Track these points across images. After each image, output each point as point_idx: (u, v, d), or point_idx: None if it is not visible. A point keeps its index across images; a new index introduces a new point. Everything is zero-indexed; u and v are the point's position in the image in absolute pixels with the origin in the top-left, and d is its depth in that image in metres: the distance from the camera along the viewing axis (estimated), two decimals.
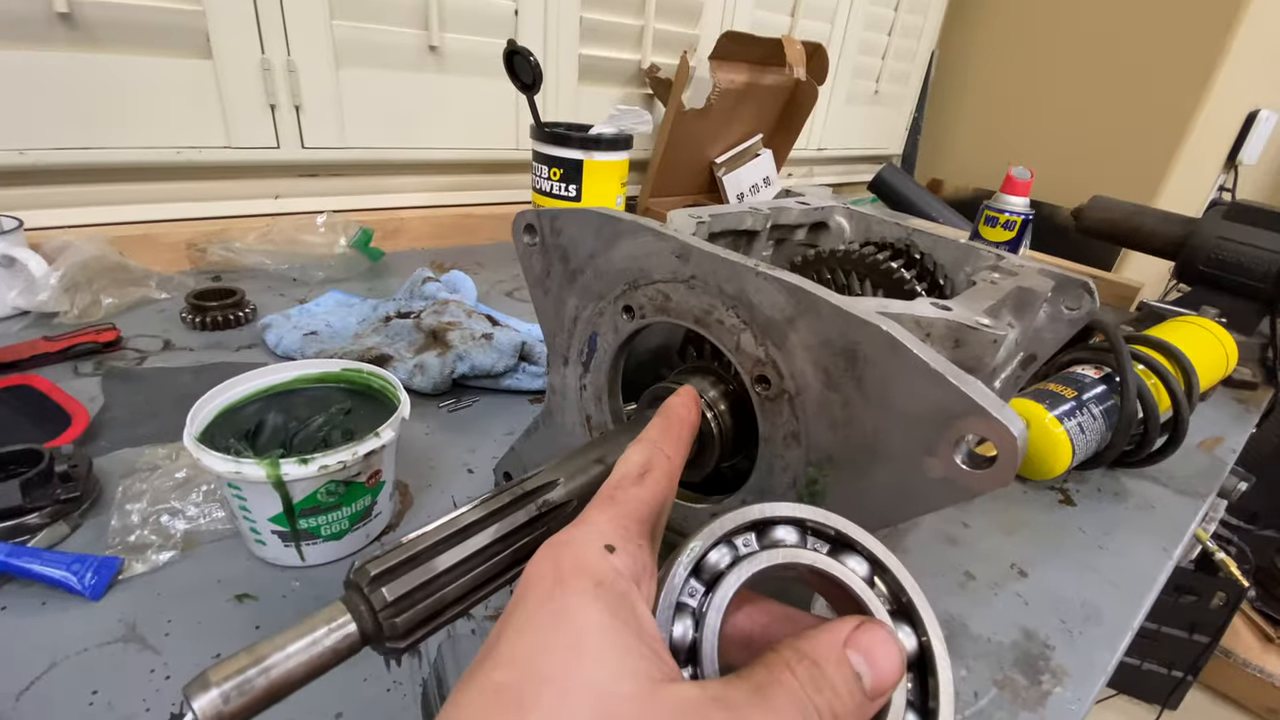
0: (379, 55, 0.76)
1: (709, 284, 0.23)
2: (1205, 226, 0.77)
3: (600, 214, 0.26)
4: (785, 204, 0.39)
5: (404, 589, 0.15)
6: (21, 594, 0.32)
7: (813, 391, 0.21)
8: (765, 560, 0.17)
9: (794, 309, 0.21)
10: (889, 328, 0.19)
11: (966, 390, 0.17)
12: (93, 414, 0.44)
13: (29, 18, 0.57)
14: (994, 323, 0.24)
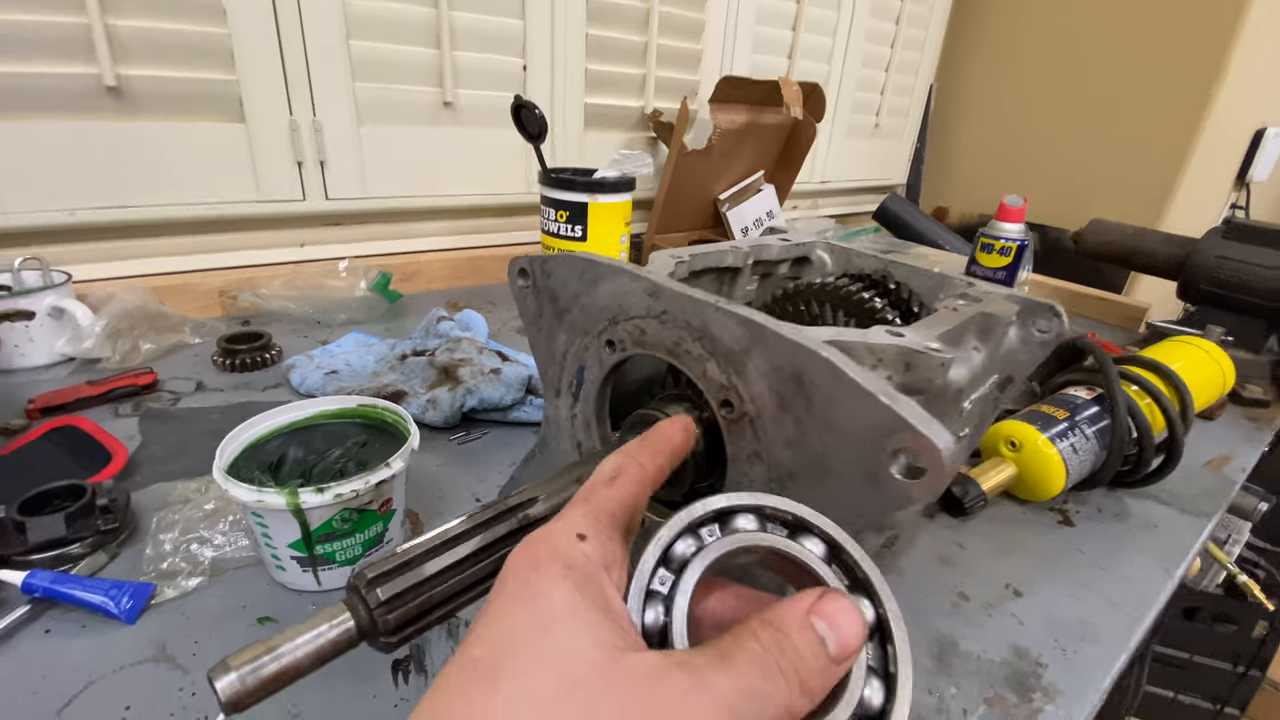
0: (397, 112, 0.82)
1: (677, 319, 0.25)
2: (1204, 246, 0.78)
3: (583, 258, 0.28)
4: (767, 241, 0.42)
5: (395, 590, 0.17)
6: (64, 618, 0.34)
7: (769, 413, 0.23)
8: (727, 544, 0.18)
9: (749, 339, 0.23)
10: (827, 354, 0.21)
11: (897, 408, 0.19)
12: (131, 451, 0.47)
13: (81, 91, 0.63)
14: (944, 346, 0.25)
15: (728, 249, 0.38)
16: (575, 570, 0.16)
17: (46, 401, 0.52)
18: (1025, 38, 1.42)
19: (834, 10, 1.21)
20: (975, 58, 1.50)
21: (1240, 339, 0.78)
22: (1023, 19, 1.42)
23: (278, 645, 0.16)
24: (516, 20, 0.86)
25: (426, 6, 0.79)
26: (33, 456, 0.45)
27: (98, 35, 0.61)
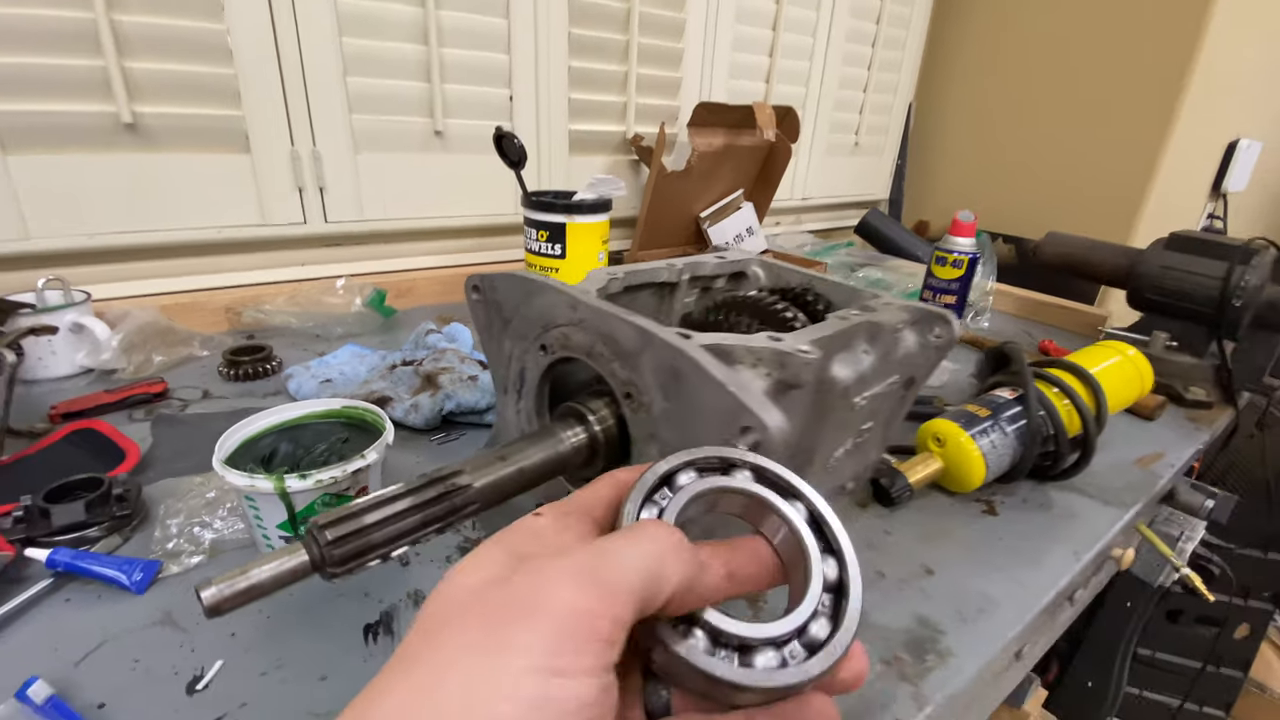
0: (392, 141, 0.88)
1: (591, 326, 0.31)
2: (1149, 257, 0.83)
3: (520, 276, 0.34)
4: (702, 259, 0.47)
5: (340, 533, 0.22)
6: (83, 589, 0.40)
7: (658, 401, 0.28)
8: (727, 481, 0.21)
9: (641, 342, 0.28)
10: (694, 354, 0.26)
11: (741, 395, 0.25)
12: (143, 451, 0.53)
13: (101, 128, 0.70)
14: (813, 348, 0.31)
15: (662, 266, 0.43)
16: (503, 546, 0.18)
17: (67, 408, 0.58)
18: (1001, 56, 1.48)
19: (809, 36, 1.27)
20: (953, 76, 1.56)
21: (1184, 344, 0.83)
22: (999, 37, 1.48)
23: (249, 570, 0.21)
24: (502, 55, 0.92)
25: (417, 44, 0.85)
26: (55, 455, 0.51)
27: (115, 77, 0.68)
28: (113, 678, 0.34)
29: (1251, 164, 1.67)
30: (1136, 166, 1.33)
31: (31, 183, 0.68)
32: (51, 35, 0.65)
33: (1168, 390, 0.79)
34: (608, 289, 0.39)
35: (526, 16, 0.92)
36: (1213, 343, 0.80)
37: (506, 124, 0.96)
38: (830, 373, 0.34)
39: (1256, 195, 1.87)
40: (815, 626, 0.19)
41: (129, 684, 0.34)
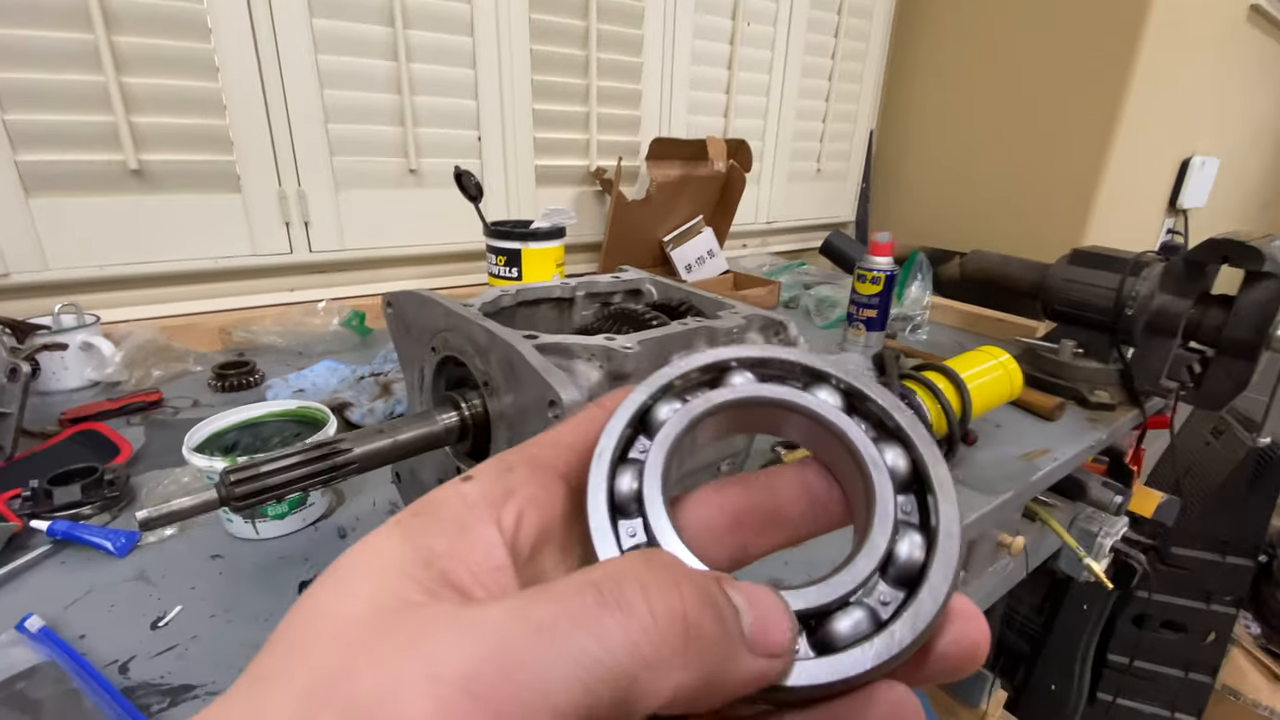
0: (370, 179, 0.99)
1: (460, 330, 0.39)
2: (1054, 271, 0.90)
3: (414, 293, 0.43)
4: (597, 278, 0.56)
5: (240, 477, 0.31)
6: (77, 554, 0.48)
7: (503, 386, 0.37)
8: (721, 396, 0.16)
9: (489, 340, 0.37)
10: (520, 346, 0.34)
11: (546, 376, 0.33)
12: (136, 449, 0.62)
13: (110, 174, 0.81)
14: (634, 345, 0.39)
15: (555, 285, 0.52)
16: (403, 527, 0.13)
17: (75, 414, 0.67)
18: (956, 86, 1.57)
19: (765, 74, 1.37)
20: (912, 105, 1.65)
21: (1090, 351, 0.89)
22: (954, 68, 1.57)
23: (171, 501, 0.30)
24: (470, 101, 1.03)
25: (392, 94, 0.96)
26: (62, 451, 0.60)
27: (123, 130, 0.79)
28: (93, 617, 0.43)
29: (1209, 180, 1.74)
30: (1080, 185, 1.40)
31: (50, 221, 0.78)
32: (69, 95, 0.76)
33: (1073, 393, 0.86)
34: (497, 303, 0.47)
35: (491, 66, 1.03)
36: (1114, 349, 0.87)
37: (475, 162, 1.06)
38: None
39: (1221, 209, 1.93)
40: (904, 547, 0.14)
41: (106, 621, 0.42)
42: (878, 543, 0.14)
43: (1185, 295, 0.80)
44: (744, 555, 0.17)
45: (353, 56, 0.92)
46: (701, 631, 0.11)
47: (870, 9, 1.51)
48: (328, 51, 0.90)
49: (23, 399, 0.59)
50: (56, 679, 0.38)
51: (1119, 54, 1.31)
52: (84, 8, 0.73)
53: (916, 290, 1.10)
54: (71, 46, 0.74)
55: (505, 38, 1.03)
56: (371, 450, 0.35)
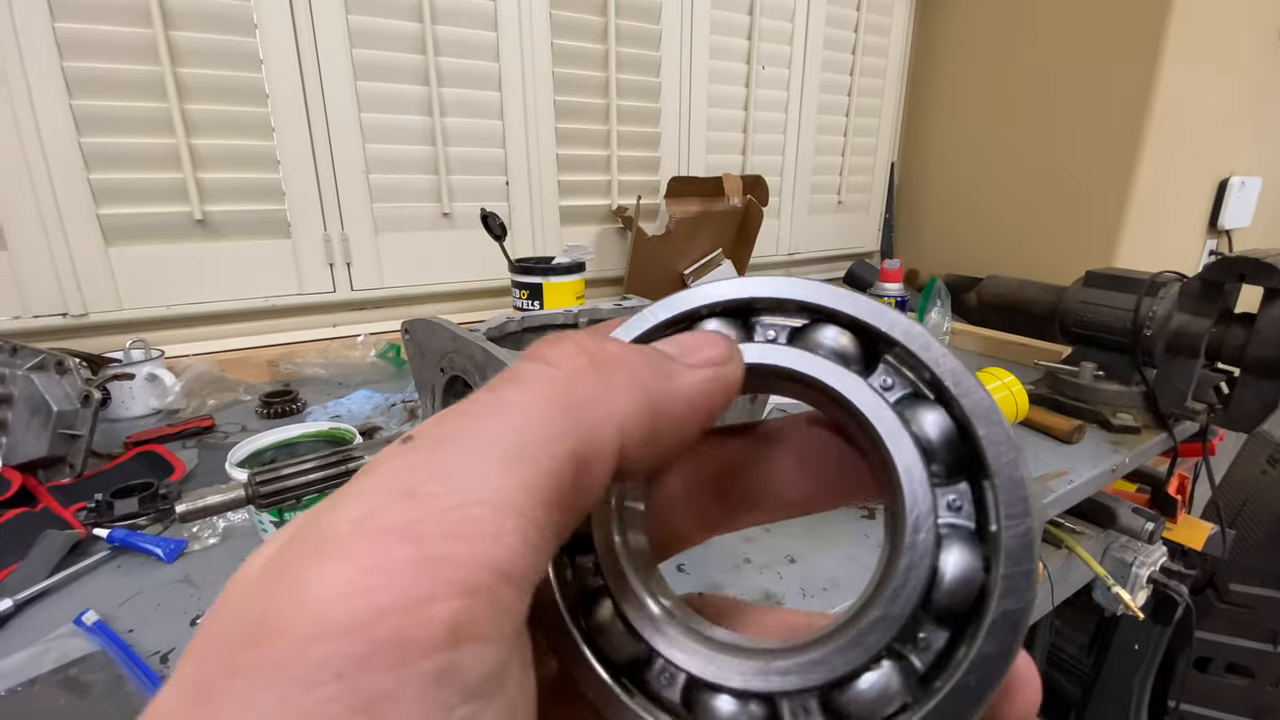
0: (407, 223, 1.07)
1: (463, 351, 0.44)
2: (1070, 293, 0.90)
3: (426, 320, 0.48)
4: (600, 305, 0.60)
5: (265, 478, 0.35)
6: (131, 559, 0.54)
7: None
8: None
9: (485, 358, 0.41)
10: (510, 362, 0.38)
11: None
12: (189, 468, 0.68)
13: (177, 224, 0.90)
14: None
15: (560, 312, 0.56)
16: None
17: (138, 437, 0.74)
18: (977, 114, 1.58)
19: (781, 113, 1.42)
20: (931, 135, 1.67)
21: (1111, 373, 0.88)
22: (973, 96, 1.58)
23: (205, 496, 0.34)
24: (499, 150, 1.11)
25: (427, 146, 1.05)
26: (124, 470, 0.67)
27: (190, 186, 0.88)
28: (142, 614, 0.48)
29: (1252, 200, 1.69)
30: (1108, 209, 1.38)
31: (125, 267, 0.88)
32: (145, 156, 0.86)
33: (1096, 416, 0.85)
34: (504, 328, 0.52)
35: (517, 117, 1.11)
36: (1136, 371, 0.85)
37: (504, 204, 1.14)
38: None
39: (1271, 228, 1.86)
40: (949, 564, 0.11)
41: (152, 618, 0.47)
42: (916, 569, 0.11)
43: (1204, 315, 0.79)
44: (723, 527, 0.15)
45: (392, 114, 1.01)
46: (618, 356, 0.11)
47: (885, 47, 1.56)
48: (370, 110, 0.99)
49: (93, 423, 0.66)
50: (105, 666, 0.43)
51: (1140, 77, 1.31)
52: (160, 80, 0.84)
53: (936, 316, 1.11)
54: (149, 114, 0.85)
55: (530, 90, 1.11)
56: None
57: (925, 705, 0.10)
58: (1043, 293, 0.94)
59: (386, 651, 0.08)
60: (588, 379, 0.11)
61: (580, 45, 1.14)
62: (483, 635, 0.09)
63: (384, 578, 0.08)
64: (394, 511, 0.09)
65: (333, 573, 0.09)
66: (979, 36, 1.55)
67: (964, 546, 0.11)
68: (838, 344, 0.12)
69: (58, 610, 0.48)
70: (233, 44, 0.88)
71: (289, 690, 0.08)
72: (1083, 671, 1.32)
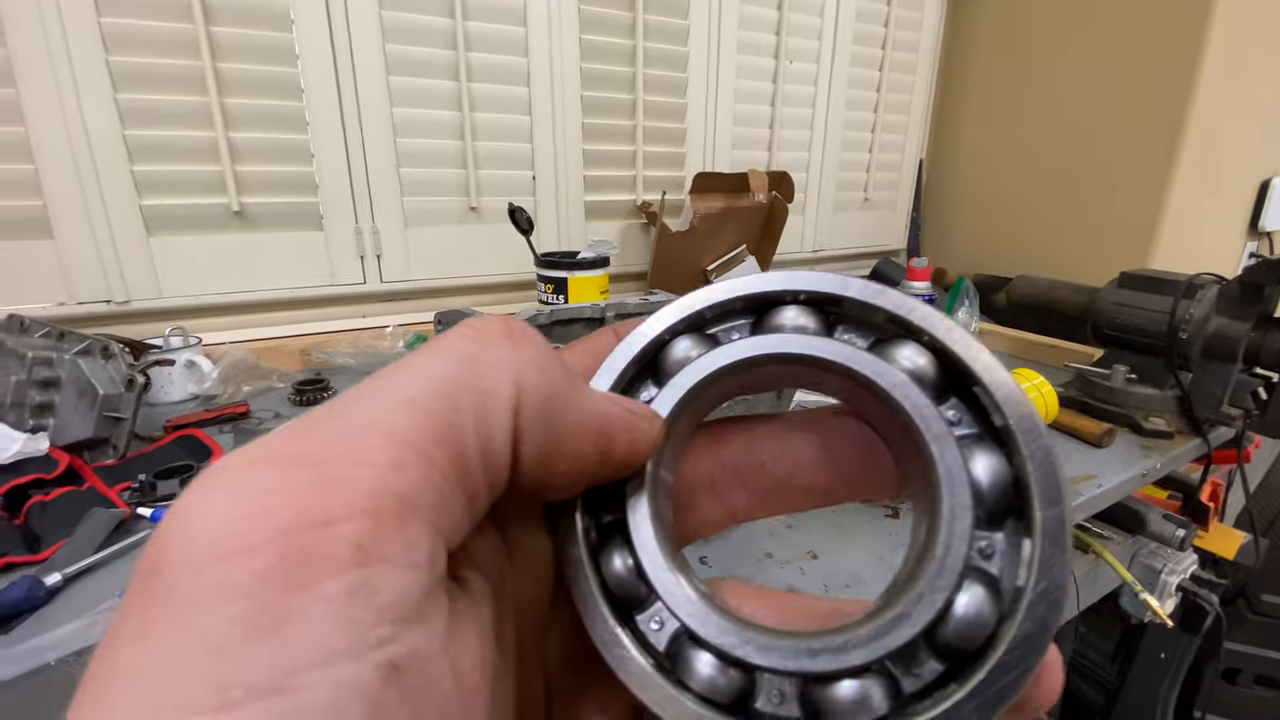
0: (435, 216, 1.08)
1: None
2: (1103, 295, 0.88)
3: (458, 312, 0.49)
4: (627, 299, 0.60)
5: None
6: None
7: None
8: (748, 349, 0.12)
9: None
10: None
11: None
12: (226, 451, 0.70)
13: (216, 215, 0.93)
14: None
15: (587, 306, 0.57)
16: None
17: (177, 422, 0.77)
18: (1009, 110, 1.56)
19: (808, 108, 1.41)
20: (963, 132, 1.64)
21: (1145, 376, 0.86)
22: (1005, 92, 1.56)
23: None
24: (526, 145, 1.12)
25: (456, 140, 1.06)
26: (165, 452, 0.69)
27: (229, 178, 0.91)
28: None
29: None
30: (1143, 209, 1.35)
31: (165, 256, 0.91)
32: (186, 149, 0.89)
33: (1127, 420, 0.83)
34: (535, 320, 0.53)
35: (545, 112, 1.11)
36: (1170, 374, 0.84)
37: (530, 199, 1.15)
38: None
39: None
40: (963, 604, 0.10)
41: None
42: (927, 601, 0.10)
43: (1243, 318, 0.77)
44: (746, 514, 0.15)
45: (423, 109, 1.02)
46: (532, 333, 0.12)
47: (916, 42, 1.54)
48: (401, 104, 1.00)
49: (136, 406, 0.69)
50: None
51: (1179, 75, 1.28)
52: (200, 74, 0.86)
53: (963, 316, 1.10)
54: (190, 107, 0.87)
55: (558, 86, 1.12)
56: None
57: (969, 681, 0.10)
58: (1075, 293, 0.93)
59: (291, 568, 0.08)
60: (498, 342, 0.11)
61: (608, 40, 1.15)
62: (392, 558, 0.09)
63: (283, 498, 0.08)
64: (295, 442, 0.09)
65: (231, 496, 0.09)
66: (1012, 31, 1.52)
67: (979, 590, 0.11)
68: (925, 365, 0.12)
69: (103, 585, 0.50)
70: (270, 39, 0.90)
71: (188, 614, 0.08)
72: (1107, 679, 1.30)
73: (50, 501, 0.58)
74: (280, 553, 0.08)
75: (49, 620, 0.46)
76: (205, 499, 0.09)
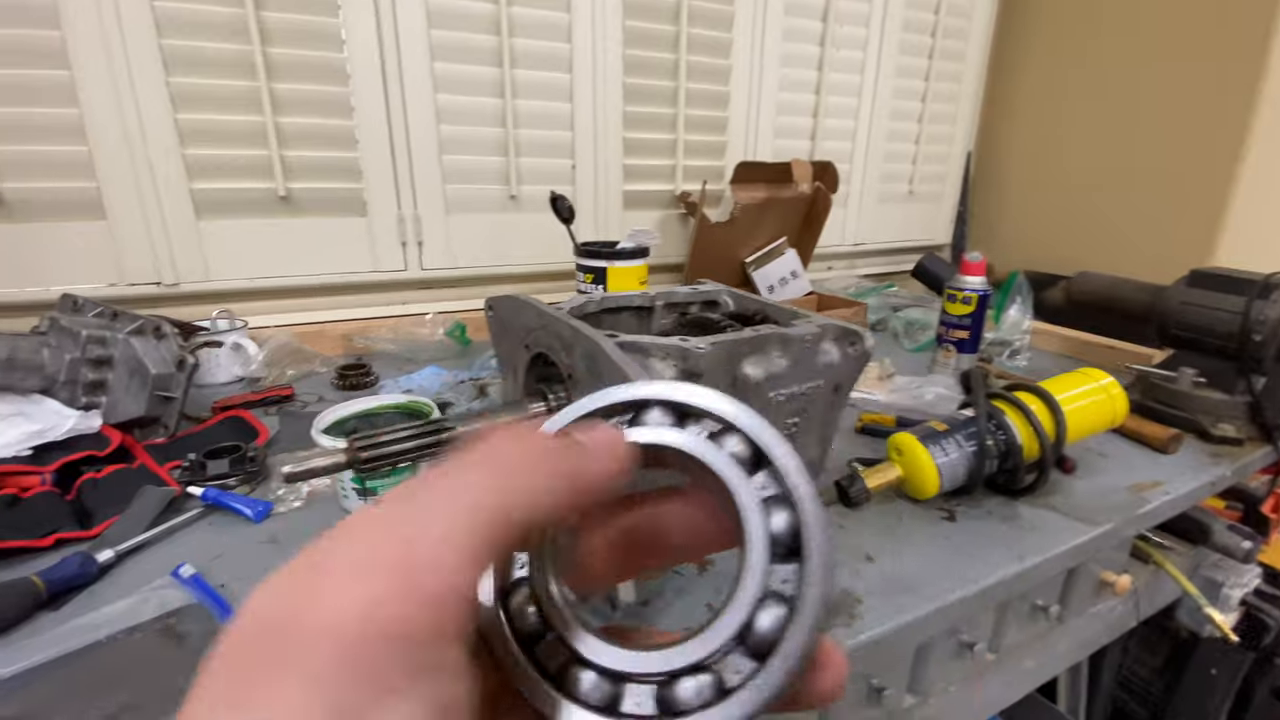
0: (476, 204, 1.08)
1: (549, 328, 0.43)
2: (1170, 293, 0.84)
3: (512, 297, 0.48)
4: (675, 289, 0.59)
5: (365, 444, 0.36)
6: (222, 517, 0.56)
7: (584, 378, 0.40)
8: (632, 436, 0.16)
9: (573, 336, 0.41)
10: (601, 341, 0.38)
11: (626, 368, 0.36)
12: (272, 433, 0.71)
13: (263, 200, 0.93)
14: (705, 346, 0.41)
15: (637, 294, 0.56)
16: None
17: (224, 403, 0.78)
18: (1062, 101, 1.50)
19: (854, 97, 1.37)
20: (1014, 124, 1.59)
21: (1213, 381, 0.82)
22: (1059, 82, 1.50)
23: (311, 458, 0.35)
24: (566, 132, 1.11)
25: (497, 127, 1.05)
26: (213, 432, 0.70)
27: (275, 163, 0.91)
28: (233, 570, 0.50)
29: None
30: (1206, 204, 1.29)
31: (214, 240, 0.92)
32: (234, 135, 0.89)
33: (1193, 426, 0.79)
34: (583, 308, 0.51)
35: (586, 100, 1.10)
36: (1241, 379, 0.79)
37: (568, 188, 1.14)
38: (742, 370, 0.45)
39: None
40: (764, 620, 0.14)
41: (244, 574, 0.49)
42: (734, 616, 0.14)
43: None
44: (635, 570, 0.19)
45: (467, 96, 1.02)
46: (555, 447, 0.15)
47: (967, 30, 1.48)
48: (445, 91, 1.00)
49: (186, 387, 0.70)
50: (201, 618, 0.45)
51: (1248, 63, 1.21)
52: (250, 59, 0.87)
53: (1015, 313, 1.06)
54: (240, 92, 0.88)
55: (600, 73, 1.10)
56: (471, 429, 0.40)
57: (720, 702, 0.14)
58: (1139, 292, 0.88)
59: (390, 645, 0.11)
60: (518, 463, 0.14)
61: (652, 27, 1.13)
62: (453, 636, 0.12)
63: (381, 596, 0.11)
64: (381, 550, 0.12)
65: (343, 587, 0.12)
66: (1068, 20, 1.46)
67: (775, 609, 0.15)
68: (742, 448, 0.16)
69: (155, 562, 0.51)
70: (317, 24, 0.90)
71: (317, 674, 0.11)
72: (1154, 695, 1.26)
73: (102, 479, 0.59)
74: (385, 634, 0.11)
75: (100, 597, 0.47)
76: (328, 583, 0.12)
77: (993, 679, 0.65)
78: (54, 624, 0.44)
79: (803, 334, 0.47)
